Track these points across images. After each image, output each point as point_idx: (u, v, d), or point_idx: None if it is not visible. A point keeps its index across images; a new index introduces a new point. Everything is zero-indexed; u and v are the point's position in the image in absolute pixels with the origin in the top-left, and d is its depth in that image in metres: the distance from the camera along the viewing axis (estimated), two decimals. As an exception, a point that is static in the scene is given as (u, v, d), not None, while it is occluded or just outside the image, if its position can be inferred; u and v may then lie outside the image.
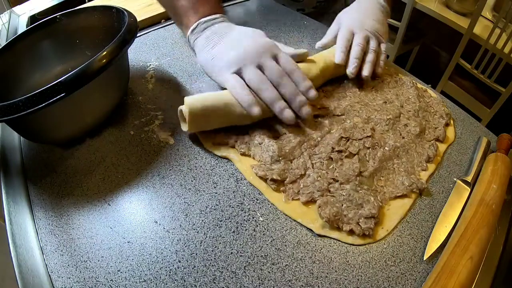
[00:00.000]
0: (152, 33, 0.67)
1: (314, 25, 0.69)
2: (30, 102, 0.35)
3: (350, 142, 0.43)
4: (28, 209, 0.40)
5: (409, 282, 0.33)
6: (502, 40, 1.23)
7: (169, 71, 0.57)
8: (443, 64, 1.73)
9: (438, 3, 1.52)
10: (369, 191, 0.39)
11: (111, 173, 0.42)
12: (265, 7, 0.76)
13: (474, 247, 0.33)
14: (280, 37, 0.65)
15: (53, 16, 0.52)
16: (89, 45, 0.53)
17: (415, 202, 0.40)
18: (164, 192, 0.40)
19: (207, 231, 0.37)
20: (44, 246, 0.36)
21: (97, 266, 0.34)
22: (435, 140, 0.46)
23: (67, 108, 0.40)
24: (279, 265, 0.34)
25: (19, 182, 0.43)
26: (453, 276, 0.31)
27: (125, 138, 0.46)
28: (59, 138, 0.45)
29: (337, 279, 0.33)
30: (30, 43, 0.50)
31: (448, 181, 0.42)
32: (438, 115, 0.49)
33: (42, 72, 0.51)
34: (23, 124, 0.41)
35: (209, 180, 0.41)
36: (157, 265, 0.34)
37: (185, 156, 0.44)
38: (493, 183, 0.38)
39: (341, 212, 0.37)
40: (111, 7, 0.50)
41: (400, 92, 0.52)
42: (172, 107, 0.51)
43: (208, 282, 0.33)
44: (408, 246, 0.36)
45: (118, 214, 0.38)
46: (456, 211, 0.38)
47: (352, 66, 0.50)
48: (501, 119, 1.35)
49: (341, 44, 0.52)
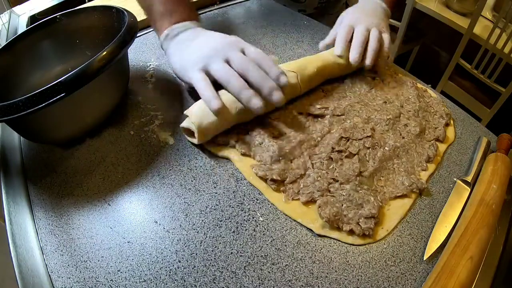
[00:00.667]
0: (152, 33, 0.67)
1: (314, 25, 0.69)
2: (30, 102, 0.35)
3: (350, 142, 0.43)
4: (28, 209, 0.40)
5: (409, 282, 0.33)
6: (502, 40, 1.23)
7: (169, 71, 0.57)
8: (443, 64, 1.73)
9: (438, 3, 1.52)
10: (369, 191, 0.39)
11: (111, 173, 0.42)
12: (265, 7, 0.76)
13: (474, 247, 0.33)
14: (280, 37, 0.65)
15: (53, 16, 0.52)
16: (89, 45, 0.53)
17: (415, 202, 0.40)
18: (164, 192, 0.40)
19: (207, 231, 0.37)
20: (44, 246, 0.36)
21: (97, 266, 0.34)
22: (435, 140, 0.46)
23: (67, 108, 0.40)
24: (279, 265, 0.34)
25: (19, 182, 0.43)
26: (453, 276, 0.31)
27: (125, 138, 0.46)
28: (59, 138, 0.45)
29: (337, 279, 0.33)
30: (30, 43, 0.50)
31: (448, 181, 0.42)
32: (438, 115, 0.49)
33: (42, 72, 0.51)
34: (23, 124, 0.41)
35: (209, 180, 0.41)
36: (157, 265, 0.34)
37: (185, 156, 0.44)
38: (493, 183, 0.38)
39: (341, 212, 0.37)
40: (111, 7, 0.50)
41: (400, 92, 0.52)
42: (172, 107, 0.51)
43: (208, 282, 0.33)
44: (408, 246, 0.36)
45: (118, 214, 0.38)
46: (456, 211, 0.38)
47: (354, 52, 0.50)
48: (501, 119, 1.35)
49: (341, 35, 0.52)
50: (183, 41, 0.48)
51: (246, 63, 0.42)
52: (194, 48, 0.46)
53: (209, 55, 0.44)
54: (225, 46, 0.44)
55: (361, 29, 0.51)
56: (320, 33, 0.66)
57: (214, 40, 0.46)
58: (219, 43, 0.45)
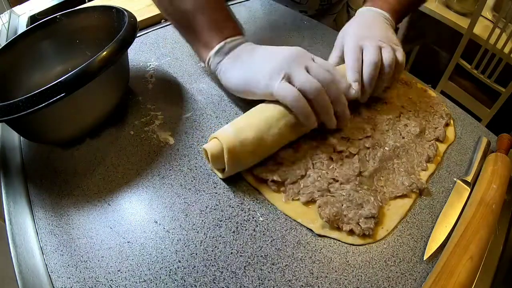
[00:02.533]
0: (152, 33, 0.67)
1: (314, 25, 0.69)
2: (30, 102, 0.35)
3: (350, 142, 0.43)
4: (28, 209, 0.40)
5: (409, 282, 0.33)
6: (502, 40, 1.23)
7: (169, 71, 0.57)
8: (443, 64, 1.73)
9: (438, 3, 1.52)
10: (369, 191, 0.39)
11: (111, 173, 0.42)
12: (265, 7, 0.76)
13: (474, 247, 0.33)
14: (280, 37, 0.65)
15: (53, 16, 0.52)
16: (89, 45, 0.53)
17: (415, 202, 0.40)
18: (164, 192, 0.40)
19: (207, 231, 0.37)
20: (44, 246, 0.36)
21: (97, 266, 0.34)
22: (435, 140, 0.46)
23: (67, 108, 0.40)
24: (279, 265, 0.34)
25: (19, 182, 0.43)
26: (453, 276, 0.31)
27: (125, 138, 0.46)
28: (59, 138, 0.45)
29: (337, 279, 0.33)
30: (30, 43, 0.50)
31: (448, 181, 0.42)
32: (438, 115, 0.49)
33: (42, 72, 0.51)
34: (23, 124, 0.41)
35: (209, 180, 0.41)
36: (157, 265, 0.34)
37: (185, 156, 0.44)
38: (493, 183, 0.38)
39: (341, 212, 0.37)
40: (111, 7, 0.50)
41: (400, 92, 0.52)
42: (172, 107, 0.51)
43: (208, 282, 0.33)
44: (408, 246, 0.36)
45: (118, 214, 0.38)
46: (456, 211, 0.38)
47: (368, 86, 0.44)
48: (501, 119, 1.35)
49: (351, 60, 0.45)
50: (240, 55, 0.44)
51: (326, 75, 0.39)
52: (261, 59, 0.42)
53: (288, 64, 0.39)
54: (299, 53, 0.41)
55: (371, 55, 0.44)
56: (320, 33, 0.66)
57: (282, 50, 0.42)
58: (291, 51, 0.41)
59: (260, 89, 0.41)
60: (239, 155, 0.37)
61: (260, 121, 0.39)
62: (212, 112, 0.50)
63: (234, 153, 0.37)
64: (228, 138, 0.37)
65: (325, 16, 0.86)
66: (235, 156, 0.37)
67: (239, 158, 0.38)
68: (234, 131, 0.38)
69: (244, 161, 0.39)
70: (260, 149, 0.39)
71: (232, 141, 0.37)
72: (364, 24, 0.50)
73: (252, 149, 0.38)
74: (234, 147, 0.37)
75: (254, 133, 0.38)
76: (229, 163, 0.37)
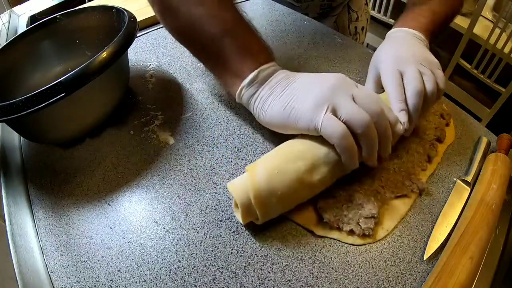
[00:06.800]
0: (152, 33, 0.67)
1: (314, 25, 0.69)
2: (30, 102, 0.35)
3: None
4: (28, 209, 0.40)
5: (409, 282, 0.33)
6: (502, 40, 1.23)
7: (169, 71, 0.57)
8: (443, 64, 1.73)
9: (438, 3, 1.52)
10: (369, 191, 0.39)
11: (111, 173, 0.42)
12: (265, 7, 0.76)
13: (474, 247, 0.33)
14: (280, 37, 0.65)
15: (53, 16, 0.52)
16: (89, 45, 0.53)
17: (415, 202, 0.40)
18: (164, 192, 0.40)
19: (207, 231, 0.37)
20: (44, 246, 0.36)
21: (97, 266, 0.34)
22: (435, 140, 0.46)
23: (67, 108, 0.40)
24: (279, 265, 0.34)
25: (19, 182, 0.43)
26: (453, 276, 0.31)
27: (125, 138, 0.46)
28: (59, 138, 0.45)
29: (337, 279, 0.33)
30: (30, 43, 0.50)
31: (448, 181, 0.42)
32: (438, 115, 0.49)
33: (42, 72, 0.51)
34: (23, 124, 0.41)
35: (209, 180, 0.41)
36: (157, 265, 0.34)
37: (185, 156, 0.44)
38: (493, 183, 0.38)
39: (341, 212, 0.37)
40: (111, 7, 0.50)
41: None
42: (172, 107, 0.51)
43: (208, 282, 0.33)
44: (408, 246, 0.36)
45: (118, 214, 0.38)
46: (456, 211, 0.38)
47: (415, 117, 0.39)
48: (501, 119, 1.35)
49: (393, 87, 0.40)
50: (276, 85, 0.38)
51: (374, 105, 0.34)
52: (301, 89, 0.37)
53: (332, 93, 0.35)
54: (341, 81, 0.36)
55: (414, 76, 0.39)
56: (320, 34, 0.66)
57: (324, 78, 0.37)
58: (334, 79, 0.36)
59: (302, 124, 0.36)
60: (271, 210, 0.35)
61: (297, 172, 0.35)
62: (212, 112, 0.50)
63: (266, 210, 0.34)
64: (260, 192, 0.33)
65: (326, 17, 0.86)
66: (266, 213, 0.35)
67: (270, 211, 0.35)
68: (266, 183, 0.34)
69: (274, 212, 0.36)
70: (293, 202, 0.36)
71: (264, 195, 0.34)
72: (398, 46, 0.44)
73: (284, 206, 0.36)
74: (266, 205, 0.34)
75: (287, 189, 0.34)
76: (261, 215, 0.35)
